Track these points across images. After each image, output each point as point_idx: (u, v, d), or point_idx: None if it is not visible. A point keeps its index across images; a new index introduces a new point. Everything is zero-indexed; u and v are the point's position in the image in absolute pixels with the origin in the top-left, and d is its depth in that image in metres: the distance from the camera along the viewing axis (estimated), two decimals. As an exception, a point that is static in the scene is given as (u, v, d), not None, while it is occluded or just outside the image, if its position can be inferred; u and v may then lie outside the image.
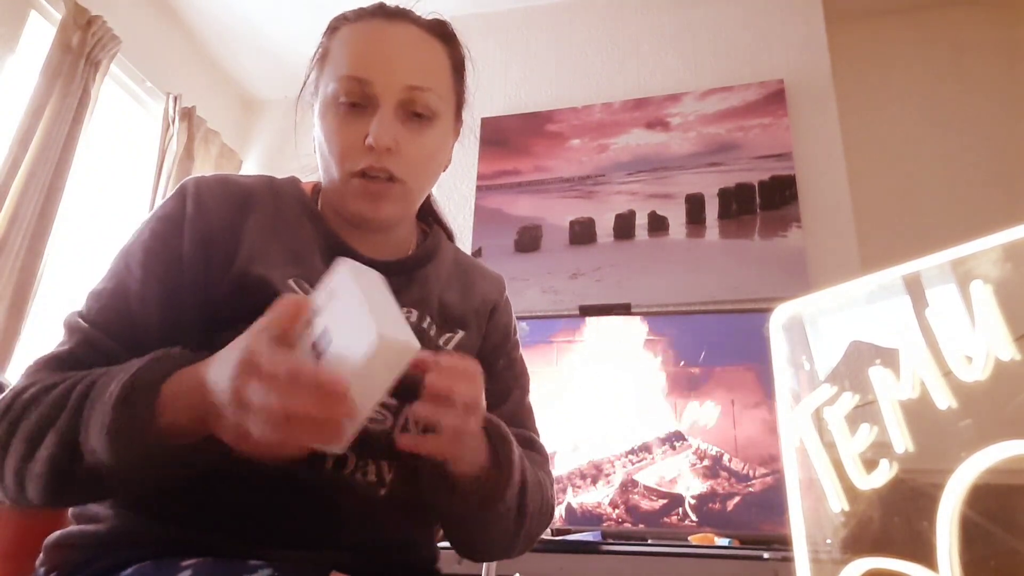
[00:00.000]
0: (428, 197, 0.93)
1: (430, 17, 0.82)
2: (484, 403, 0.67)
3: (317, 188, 0.84)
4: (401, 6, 0.81)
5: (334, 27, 0.80)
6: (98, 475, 0.58)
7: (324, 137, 0.76)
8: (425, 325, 0.80)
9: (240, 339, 0.55)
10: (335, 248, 0.78)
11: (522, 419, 0.89)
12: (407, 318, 0.78)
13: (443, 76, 0.80)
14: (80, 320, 0.69)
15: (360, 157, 0.74)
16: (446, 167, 0.86)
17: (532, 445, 0.87)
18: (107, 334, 0.68)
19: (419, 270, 0.83)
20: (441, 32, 0.81)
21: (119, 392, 0.56)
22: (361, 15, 0.79)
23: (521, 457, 0.75)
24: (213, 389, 0.54)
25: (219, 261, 0.72)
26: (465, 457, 0.67)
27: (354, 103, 0.74)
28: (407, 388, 0.74)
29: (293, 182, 0.84)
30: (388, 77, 0.74)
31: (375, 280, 0.59)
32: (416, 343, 0.55)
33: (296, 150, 0.87)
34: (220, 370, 0.54)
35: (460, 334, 0.83)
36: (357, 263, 0.58)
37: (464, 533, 0.78)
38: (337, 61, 0.77)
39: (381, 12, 0.79)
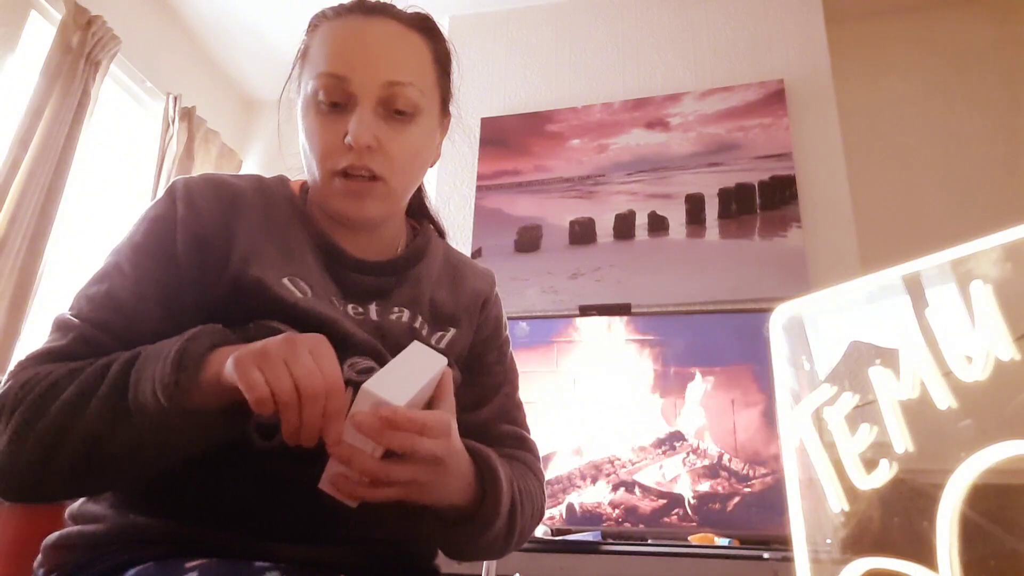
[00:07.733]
0: (421, 193, 0.92)
1: (411, 11, 0.81)
2: (458, 442, 0.66)
3: (306, 187, 0.84)
4: (382, 1, 0.80)
5: (314, 24, 0.80)
6: (136, 442, 0.59)
7: (305, 137, 0.76)
8: (417, 324, 0.80)
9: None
10: (325, 248, 0.79)
11: (512, 415, 0.89)
12: (398, 318, 0.79)
13: (425, 70, 0.79)
14: (74, 318, 0.68)
15: (340, 156, 0.73)
16: (433, 163, 0.85)
17: (523, 443, 0.87)
18: (104, 331, 0.67)
19: (410, 269, 0.84)
20: (422, 26, 0.80)
21: (179, 346, 0.60)
22: (340, 12, 0.78)
23: (510, 479, 0.75)
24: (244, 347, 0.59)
25: (213, 263, 0.72)
26: (441, 495, 0.67)
27: (334, 102, 0.74)
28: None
29: (282, 181, 0.84)
30: (366, 73, 0.73)
31: (425, 359, 0.66)
32: (395, 404, 0.59)
33: (290, 150, 0.87)
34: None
35: (452, 332, 0.83)
36: (424, 347, 0.67)
37: (452, 547, 0.78)
38: (316, 59, 0.76)
39: (360, 8, 0.78)
